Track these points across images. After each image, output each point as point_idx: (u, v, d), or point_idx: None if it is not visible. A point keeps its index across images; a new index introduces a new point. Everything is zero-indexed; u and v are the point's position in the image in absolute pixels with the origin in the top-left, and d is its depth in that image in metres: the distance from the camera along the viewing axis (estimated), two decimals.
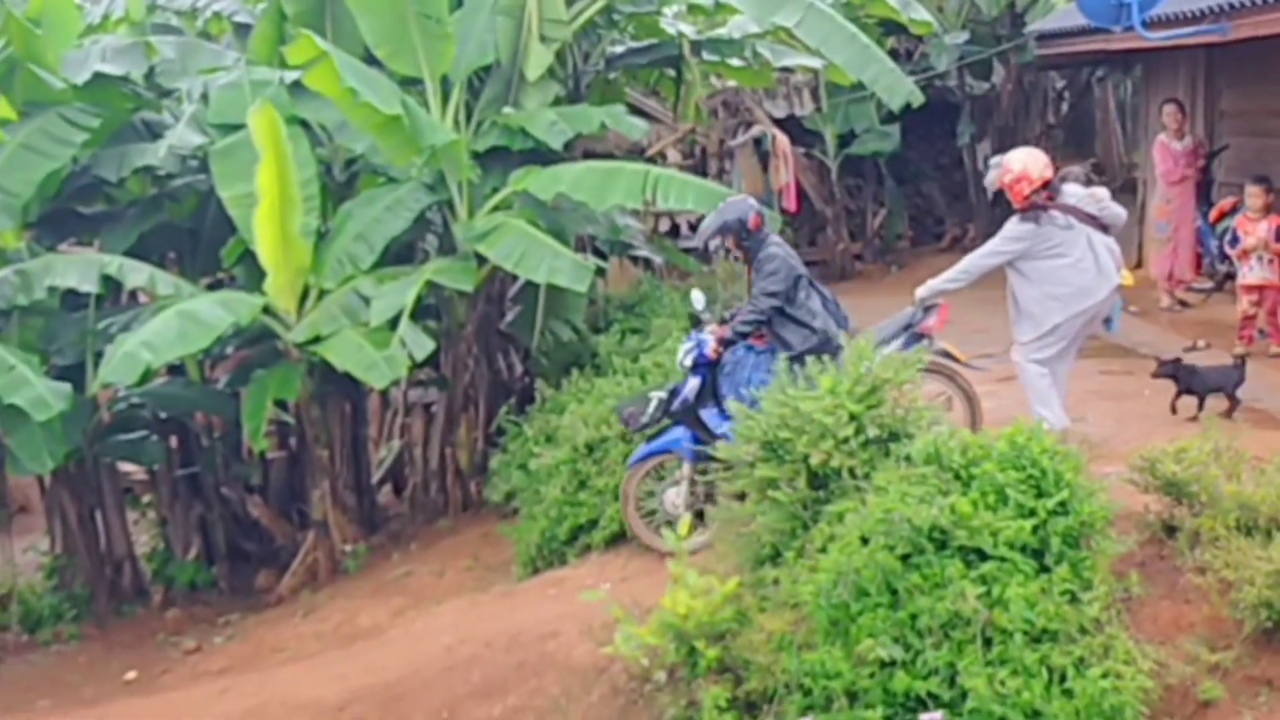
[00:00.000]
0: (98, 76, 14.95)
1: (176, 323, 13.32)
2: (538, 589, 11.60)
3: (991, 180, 11.21)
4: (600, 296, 15.57)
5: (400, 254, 15.06)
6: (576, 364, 14.13)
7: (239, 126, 13.99)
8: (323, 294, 14.15)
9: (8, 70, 14.42)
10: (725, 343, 10.80)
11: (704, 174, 16.92)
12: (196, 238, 16.10)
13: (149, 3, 16.57)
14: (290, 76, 14.33)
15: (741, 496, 9.10)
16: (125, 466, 16.79)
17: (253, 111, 13.49)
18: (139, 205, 15.87)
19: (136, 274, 14.20)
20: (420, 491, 16.21)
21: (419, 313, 13.97)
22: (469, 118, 14.94)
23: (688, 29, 16.99)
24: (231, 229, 14.52)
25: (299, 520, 16.22)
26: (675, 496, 10.94)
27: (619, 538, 11.70)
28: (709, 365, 10.83)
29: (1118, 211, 11.05)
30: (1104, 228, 10.87)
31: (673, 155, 19.60)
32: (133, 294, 16.21)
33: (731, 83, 18.52)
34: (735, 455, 9.02)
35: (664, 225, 21.03)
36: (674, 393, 10.94)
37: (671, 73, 17.74)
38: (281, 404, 14.80)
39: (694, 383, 10.82)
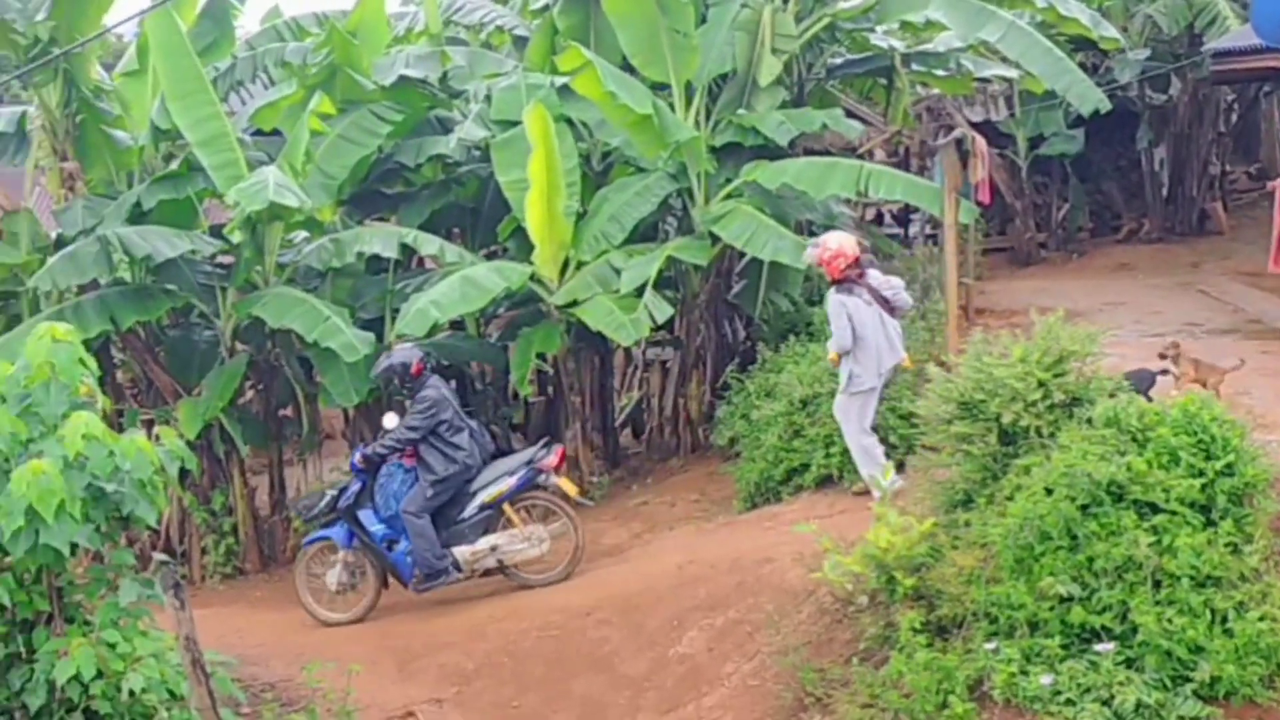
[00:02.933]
0: (402, 79, 15.30)
1: (460, 286, 13.57)
2: (755, 521, 11.58)
3: (810, 256, 11.43)
4: (814, 273, 15.41)
5: (646, 233, 15.11)
6: (793, 331, 14.05)
7: (516, 123, 14.20)
8: (580, 265, 14.27)
9: (330, 74, 14.80)
10: (367, 459, 11.55)
11: (907, 170, 16.65)
12: (477, 215, 16.39)
13: (445, 18, 16.85)
14: (559, 81, 14.49)
15: (937, 449, 8.99)
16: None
17: (527, 110, 13.66)
18: (431, 187, 16.19)
19: (428, 244, 14.49)
20: (656, 434, 16.29)
21: (660, 283, 14.01)
22: (708, 118, 14.94)
23: (898, 43, 16.73)
24: (506, 209, 14.73)
25: None
26: (333, 574, 11.66)
27: (827, 480, 11.65)
28: (369, 473, 11.54)
29: (906, 299, 11.34)
30: (893, 310, 11.11)
31: (879, 153, 19.34)
32: (421, 260, 16.55)
33: (935, 90, 18.20)
34: (933, 413, 8.90)
35: (870, 213, 20.89)
36: (342, 491, 11.62)
37: (883, 81, 17.52)
38: (542, 356, 14.96)
39: (355, 486, 11.59)
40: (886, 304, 11.09)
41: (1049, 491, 7.52)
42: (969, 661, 7.46)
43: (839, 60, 16.96)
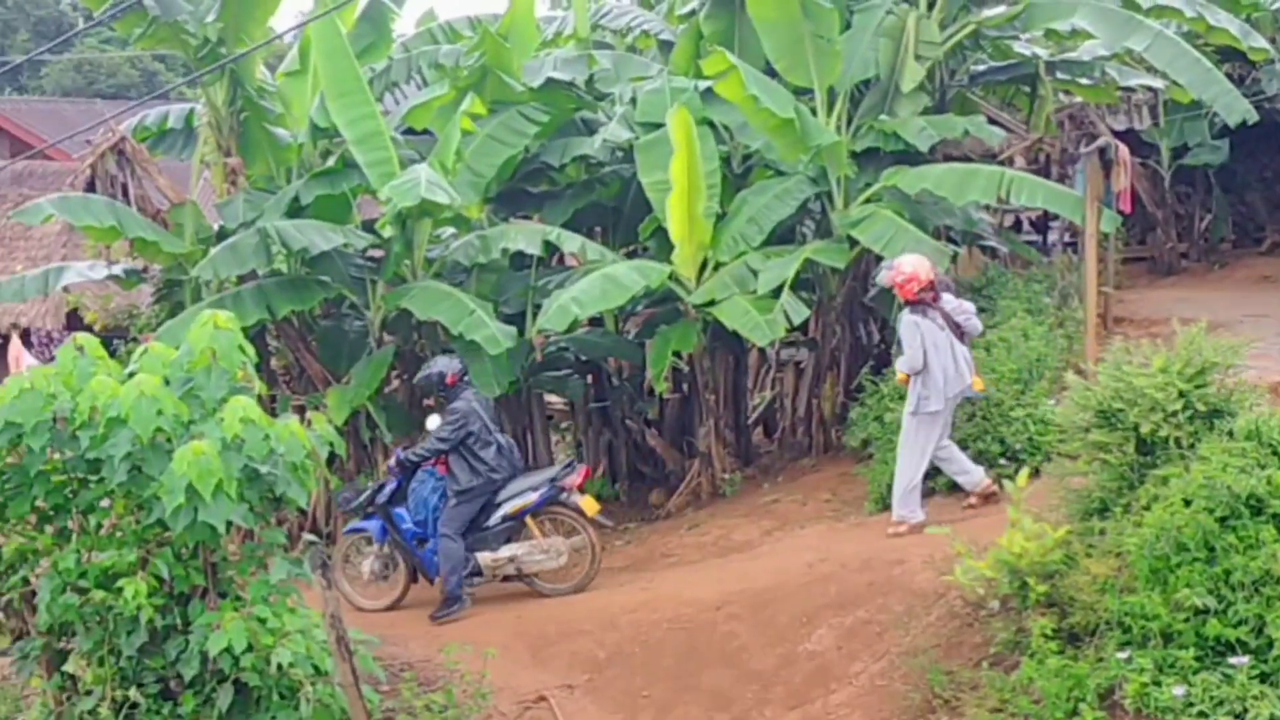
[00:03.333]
0: (549, 82, 15.40)
1: (600, 283, 13.61)
2: (886, 522, 11.45)
3: (884, 278, 11.47)
4: (951, 278, 15.21)
5: (783, 235, 15.00)
6: None
7: (659, 125, 14.21)
8: (718, 266, 14.23)
9: (481, 76, 14.96)
10: (401, 464, 11.99)
11: (1047, 177, 16.33)
12: (619, 215, 16.42)
13: (593, 23, 16.93)
14: (703, 85, 14.47)
15: (1073, 457, 8.81)
16: (550, 397, 17.28)
17: (671, 113, 13.66)
18: (575, 187, 16.26)
19: (571, 242, 14.55)
20: (788, 433, 16.20)
21: (797, 285, 13.89)
22: (849, 123, 14.78)
23: (1042, 51, 16.41)
24: (648, 209, 14.74)
25: (687, 450, 16.35)
26: (367, 565, 12.13)
27: (959, 485, 11.48)
28: (406, 474, 12.00)
29: (977, 325, 11.50)
30: (963, 335, 11.20)
31: (1019, 160, 18.99)
32: (562, 258, 16.65)
33: (1078, 98, 17.83)
34: (1070, 420, 8.72)
35: (1008, 220, 20.53)
36: (380, 488, 12.10)
37: (1025, 88, 17.20)
38: (678, 354, 14.95)
39: (392, 485, 12.06)
40: (958, 329, 11.19)
41: (1187, 503, 7.32)
42: (1100, 670, 7.31)
43: (982, 67, 16.68)
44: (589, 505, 12.02)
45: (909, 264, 11.27)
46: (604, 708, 9.25)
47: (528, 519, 11.87)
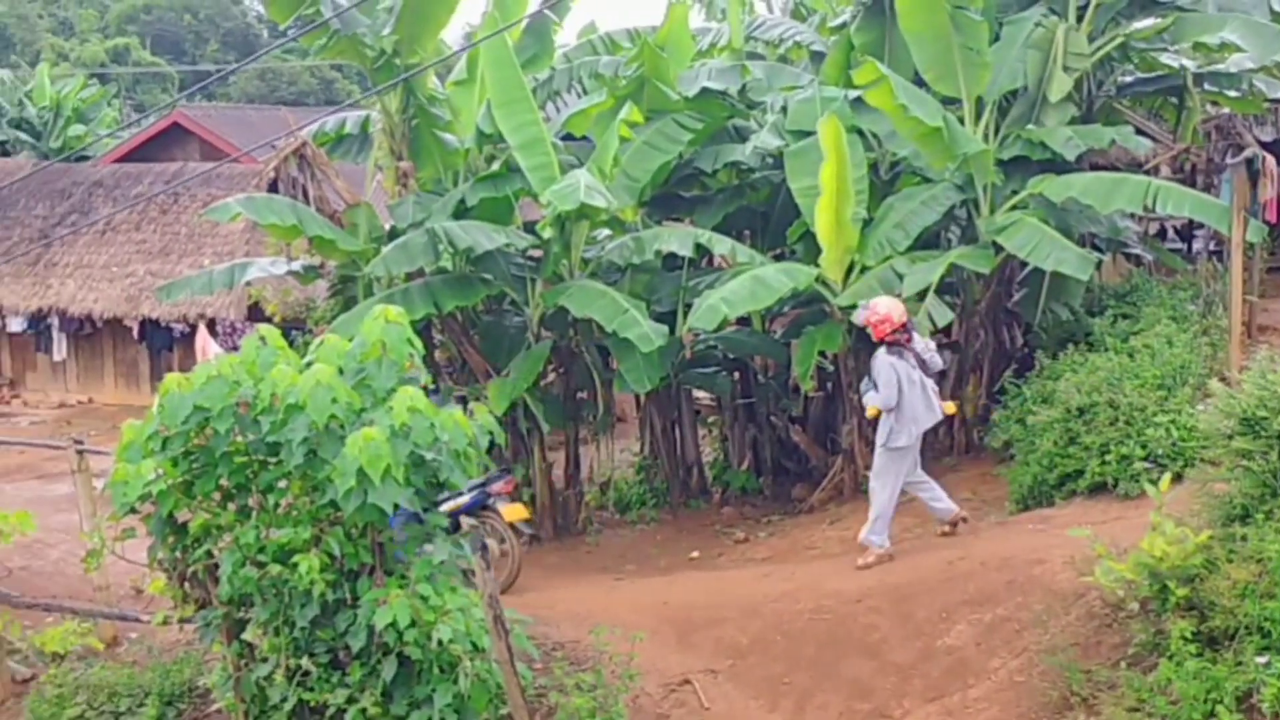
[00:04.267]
0: (704, 91, 15.42)
1: (749, 284, 13.59)
2: (1026, 523, 11.26)
3: (860, 317, 11.55)
4: (1095, 285, 14.87)
5: (929, 240, 14.80)
6: (1072, 340, 13.58)
7: (809, 133, 14.14)
8: (864, 269, 14.10)
9: (639, 85, 15.04)
10: None
11: (1193, 187, 15.87)
12: (767, 219, 16.38)
13: (747, 34, 16.90)
14: (852, 94, 14.37)
15: (1216, 463, 8.56)
16: (698, 393, 17.30)
17: (821, 121, 13.56)
18: (726, 192, 16.26)
19: (721, 244, 14.55)
20: (931, 433, 15.91)
21: (941, 288, 13.75)
22: (996, 132, 14.56)
23: (1189, 63, 15.94)
24: (796, 214, 14.67)
25: (830, 447, 16.28)
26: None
27: (1101, 488, 11.23)
28: None
29: (938, 361, 11.61)
30: (926, 369, 11.31)
31: (1164, 169, 18.48)
32: (712, 259, 16.64)
33: (1225, 109, 17.28)
34: (1213, 427, 8.46)
35: (1153, 228, 19.97)
36: None
37: (1172, 99, 16.72)
38: (823, 353, 14.86)
39: None
40: (924, 364, 11.34)
41: None
42: (1238, 673, 7.11)
43: (1129, 78, 16.29)
44: (513, 512, 12.31)
45: (884, 306, 11.40)
46: (746, 692, 9.22)
47: (462, 518, 12.07)
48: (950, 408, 11.62)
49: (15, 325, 27.43)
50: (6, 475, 19.50)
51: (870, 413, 11.50)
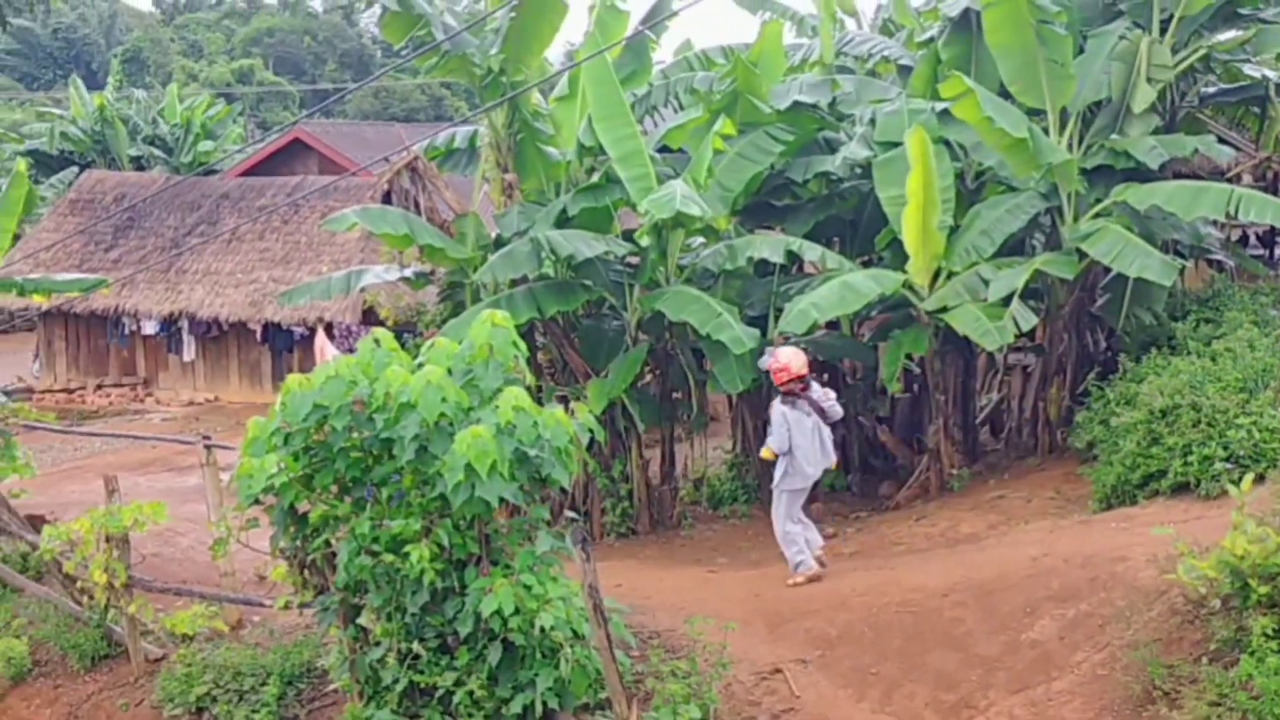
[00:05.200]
0: (795, 104, 15.35)
1: (838, 290, 13.53)
2: (1109, 521, 11.07)
3: (763, 362, 11.82)
4: (1178, 290, 14.58)
5: (1014, 247, 14.60)
6: (1154, 344, 13.36)
7: (897, 144, 14.04)
8: (950, 275, 13.96)
9: (732, 99, 15.00)
10: None
11: (1275, 194, 15.49)
12: (855, 227, 16.26)
13: (837, 49, 16.80)
14: (939, 106, 14.23)
15: None
16: None
17: (909, 133, 13.48)
18: (816, 201, 16.17)
19: (811, 251, 14.48)
20: (1014, 434, 15.77)
21: (1026, 294, 13.56)
22: (1080, 142, 14.35)
23: (1271, 74, 15.58)
24: (884, 222, 14.57)
25: (916, 446, 16.13)
26: None
27: (1183, 488, 11.03)
28: None
29: (838, 410, 11.84)
30: (825, 418, 11.63)
31: (1246, 178, 18.08)
32: (801, 266, 16.55)
33: None
34: None
35: (1235, 234, 19.54)
36: None
37: (1255, 109, 16.35)
38: (910, 356, 14.72)
39: None
40: (823, 412, 11.62)
41: None
42: None
43: (1212, 89, 15.98)
44: None
45: (785, 356, 11.69)
46: (835, 682, 9.18)
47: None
48: (835, 465, 12.17)
49: (149, 328, 28.13)
50: (140, 468, 19.97)
51: (765, 455, 11.84)
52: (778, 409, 11.55)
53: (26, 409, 15.14)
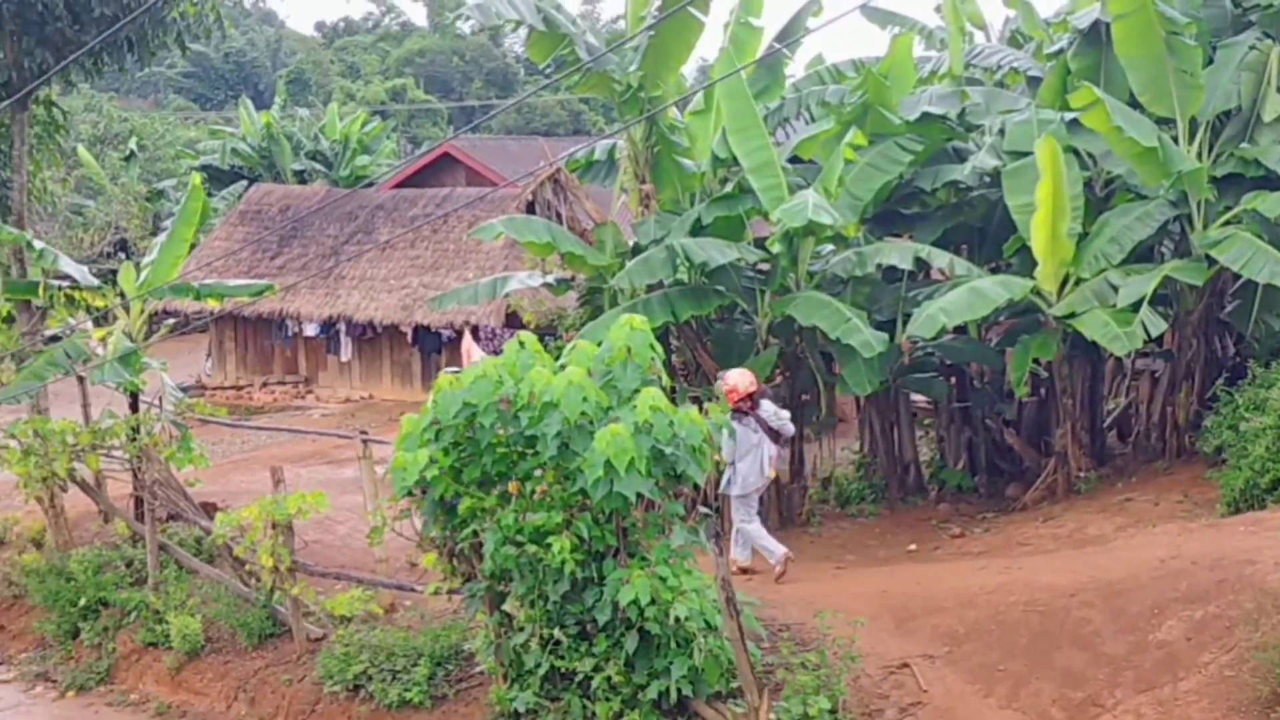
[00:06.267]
0: (925, 115, 15.15)
1: (967, 295, 13.31)
2: (1238, 525, 10.68)
3: (717, 388, 12.09)
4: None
5: (1143, 254, 14.22)
6: None
7: (1026, 153, 13.76)
8: (1079, 281, 13.62)
9: (863, 111, 14.86)
10: None
11: None
12: (983, 234, 15.98)
13: (966, 62, 16.53)
14: (1068, 116, 13.90)
15: None
16: (916, 396, 17.00)
17: (1039, 142, 13.20)
18: (944, 209, 15.95)
19: (940, 258, 14.28)
20: (1142, 438, 15.31)
21: (1155, 300, 13.18)
22: (1209, 150, 13.89)
23: None
24: (1012, 229, 14.28)
25: (1043, 449, 15.79)
26: None
27: None
28: None
29: (790, 429, 12.47)
30: (777, 437, 12.25)
31: None
32: (928, 273, 16.33)
33: None
34: None
35: None
36: None
37: None
38: (1037, 361, 14.42)
39: None
40: (774, 433, 12.17)
41: None
42: None
43: None
44: None
45: (732, 379, 12.17)
46: (962, 678, 9.03)
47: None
48: (773, 473, 12.51)
49: (310, 330, 28.91)
50: (301, 460, 20.52)
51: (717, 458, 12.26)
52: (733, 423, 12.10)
53: (201, 404, 15.66)
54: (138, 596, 13.60)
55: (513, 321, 23.53)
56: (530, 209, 21.84)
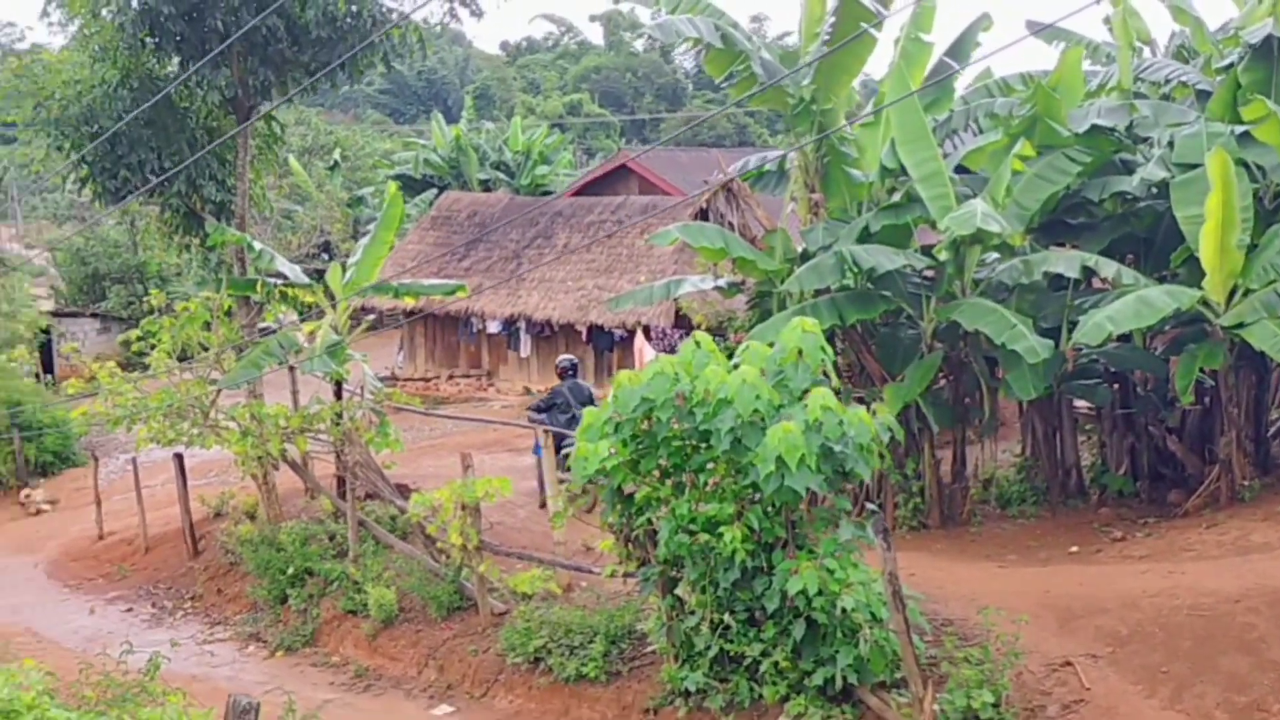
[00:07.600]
0: (1093, 128, 14.68)
1: (1133, 304, 12.85)
2: None
3: None
4: None
5: None
6: None
7: (1196, 165, 13.23)
8: (1248, 292, 13.04)
9: (1031, 123, 14.49)
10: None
11: None
12: (1150, 245, 15.39)
13: (1134, 75, 15.98)
14: (1238, 129, 13.34)
15: None
16: (1078, 402, 16.50)
17: (1209, 154, 12.68)
18: (1111, 220, 15.42)
19: (1107, 267, 13.81)
20: None
21: None
22: None
23: None
24: (1179, 240, 13.75)
25: (1206, 456, 15.16)
26: None
27: None
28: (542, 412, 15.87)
29: None
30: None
31: None
32: (1089, 282, 15.82)
33: None
34: None
35: None
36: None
37: None
38: (1203, 369, 13.85)
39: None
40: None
41: None
42: None
43: None
44: None
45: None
46: (1125, 678, 8.75)
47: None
48: None
49: (493, 328, 29.57)
50: (485, 448, 20.98)
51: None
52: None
53: (397, 393, 16.17)
54: (339, 568, 14.13)
55: (681, 322, 23.67)
56: (704, 216, 21.92)
